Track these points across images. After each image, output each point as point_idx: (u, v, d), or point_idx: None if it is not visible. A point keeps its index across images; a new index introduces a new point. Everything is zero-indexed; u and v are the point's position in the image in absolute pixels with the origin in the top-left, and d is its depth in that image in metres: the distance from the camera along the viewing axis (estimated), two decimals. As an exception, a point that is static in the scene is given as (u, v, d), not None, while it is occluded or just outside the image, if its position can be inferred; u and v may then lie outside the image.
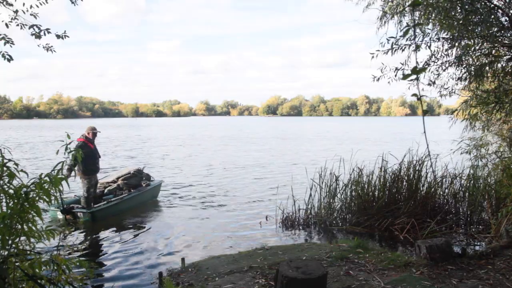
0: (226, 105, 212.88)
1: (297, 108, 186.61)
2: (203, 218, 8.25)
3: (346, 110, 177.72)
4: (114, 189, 9.39)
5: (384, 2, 6.17)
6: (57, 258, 2.47)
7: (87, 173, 8.08)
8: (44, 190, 2.34)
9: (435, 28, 5.73)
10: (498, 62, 5.77)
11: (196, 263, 5.10)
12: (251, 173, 14.46)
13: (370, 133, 43.33)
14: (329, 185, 7.54)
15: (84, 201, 8.12)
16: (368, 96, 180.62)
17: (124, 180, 9.50)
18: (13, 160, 2.38)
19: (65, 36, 5.60)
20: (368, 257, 4.86)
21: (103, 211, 8.12)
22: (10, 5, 5.12)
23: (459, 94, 6.60)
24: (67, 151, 2.54)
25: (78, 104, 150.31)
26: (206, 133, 46.88)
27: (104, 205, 8.26)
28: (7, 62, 5.29)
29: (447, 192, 7.53)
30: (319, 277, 3.27)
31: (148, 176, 10.21)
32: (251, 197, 10.27)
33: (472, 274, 4.10)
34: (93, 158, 8.23)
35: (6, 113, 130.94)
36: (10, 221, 2.23)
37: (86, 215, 7.87)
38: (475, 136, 7.48)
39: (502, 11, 5.33)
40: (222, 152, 22.93)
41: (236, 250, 5.84)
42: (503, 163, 6.59)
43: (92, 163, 8.16)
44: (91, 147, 8.19)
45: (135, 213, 8.60)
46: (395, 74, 5.85)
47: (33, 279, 2.23)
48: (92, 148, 8.23)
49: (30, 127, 65.37)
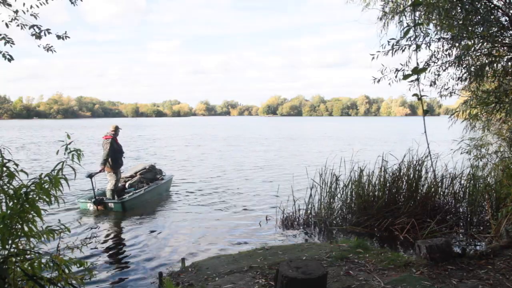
0: (226, 105, 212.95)
1: (297, 108, 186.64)
2: (203, 218, 8.24)
3: (346, 110, 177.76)
4: (135, 183, 10.03)
5: (384, 3, 6.17)
6: (57, 258, 2.47)
7: (115, 168, 8.92)
8: (44, 190, 2.34)
9: (435, 28, 5.73)
10: (498, 62, 5.77)
11: (196, 263, 5.10)
12: (263, 175, 14.35)
13: (378, 133, 43.20)
14: (329, 185, 7.54)
15: (111, 193, 8.93)
16: (368, 96, 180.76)
17: (141, 175, 10.24)
18: (13, 160, 2.38)
19: (66, 36, 5.59)
20: (368, 257, 4.86)
21: (131, 201, 8.89)
22: (9, 5, 5.11)
23: (459, 94, 6.60)
24: (67, 151, 2.54)
25: (78, 104, 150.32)
26: (211, 132, 46.88)
27: (131, 196, 9.01)
28: (8, 62, 5.29)
29: (447, 192, 7.53)
30: (319, 277, 3.27)
31: (160, 171, 10.97)
32: (251, 197, 10.27)
33: (472, 274, 4.10)
34: (120, 153, 9.07)
35: (6, 113, 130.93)
36: (10, 221, 2.23)
37: (117, 205, 8.62)
38: (475, 136, 7.48)
39: (502, 11, 5.33)
40: (230, 153, 22.74)
41: (236, 250, 5.84)
42: (503, 163, 6.59)
43: (119, 158, 9.03)
44: (118, 144, 9.07)
45: (135, 213, 8.61)
46: (396, 75, 5.86)
47: (33, 279, 2.23)
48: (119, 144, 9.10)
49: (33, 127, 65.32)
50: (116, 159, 8.92)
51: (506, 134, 7.21)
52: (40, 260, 2.38)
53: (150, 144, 30.04)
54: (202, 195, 10.62)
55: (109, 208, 8.68)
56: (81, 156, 2.57)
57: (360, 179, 7.40)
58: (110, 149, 8.80)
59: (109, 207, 8.69)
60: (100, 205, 8.65)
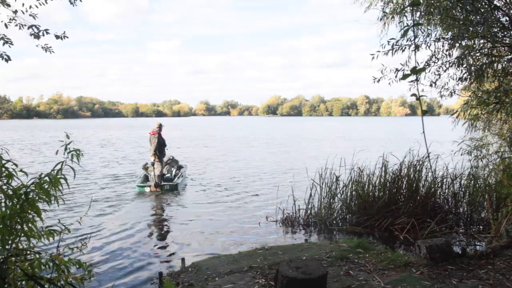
0: (226, 105, 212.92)
1: (297, 108, 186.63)
2: (203, 218, 8.24)
3: (346, 110, 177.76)
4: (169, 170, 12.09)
5: (384, 3, 6.16)
6: (57, 258, 2.47)
7: (161, 157, 11.08)
8: (44, 190, 2.34)
9: (436, 28, 5.73)
10: (498, 62, 5.76)
11: (196, 263, 5.10)
12: (263, 175, 14.30)
13: (379, 133, 43.12)
14: (329, 185, 7.54)
15: (160, 178, 10.97)
16: (368, 96, 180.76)
17: (169, 164, 12.26)
18: (12, 160, 2.38)
19: (64, 36, 5.59)
20: (368, 257, 4.86)
21: (180, 184, 11.22)
22: (8, 6, 5.11)
23: (459, 94, 6.60)
24: (66, 151, 2.54)
25: (78, 104, 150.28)
26: (211, 133, 46.82)
27: (178, 179, 11.41)
28: (5, 62, 5.29)
29: (447, 192, 7.53)
30: (319, 277, 3.27)
31: (177, 161, 12.93)
32: (251, 197, 10.27)
33: (472, 274, 4.10)
34: (164, 146, 11.22)
35: (6, 113, 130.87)
36: (10, 221, 2.23)
37: (172, 187, 10.91)
38: (475, 137, 7.48)
39: (502, 11, 5.33)
40: (230, 153, 22.68)
41: (236, 250, 5.84)
42: (503, 162, 6.58)
43: (163, 149, 11.19)
44: (162, 138, 11.10)
45: (136, 211, 8.61)
46: (396, 75, 5.85)
47: (33, 279, 2.22)
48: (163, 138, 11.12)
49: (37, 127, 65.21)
50: (161, 151, 11.05)
51: (507, 134, 7.21)
52: (40, 260, 2.38)
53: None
54: (202, 194, 10.61)
55: (165, 189, 10.82)
56: (80, 156, 2.56)
57: (360, 179, 7.40)
58: (157, 143, 10.79)
59: (164, 188, 10.82)
60: (158, 187, 10.75)
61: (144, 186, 10.87)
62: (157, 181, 10.81)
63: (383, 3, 6.17)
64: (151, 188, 10.77)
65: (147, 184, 10.97)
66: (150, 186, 10.81)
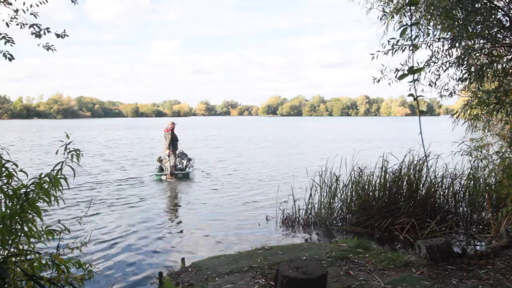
0: (226, 105, 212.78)
1: (297, 108, 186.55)
2: (203, 218, 8.24)
3: (346, 110, 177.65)
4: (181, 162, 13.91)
5: (384, 3, 6.16)
6: (57, 258, 2.47)
7: (174, 151, 13.04)
8: (44, 190, 2.34)
9: (435, 28, 5.72)
10: (498, 63, 5.76)
11: (196, 263, 5.09)
12: (264, 175, 14.25)
13: (383, 133, 43.06)
14: (329, 185, 7.54)
15: (174, 168, 12.98)
16: (368, 96, 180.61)
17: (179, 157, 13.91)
18: (12, 161, 2.38)
19: (65, 35, 5.59)
20: (368, 257, 4.86)
21: (191, 173, 13.29)
22: (10, 4, 5.11)
23: (459, 94, 6.60)
24: (67, 152, 2.54)
25: (78, 104, 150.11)
26: (211, 133, 46.79)
27: (189, 170, 13.42)
28: (8, 61, 5.29)
29: (447, 192, 7.53)
30: (319, 277, 3.27)
31: (186, 154, 14.65)
32: (251, 197, 10.27)
33: (472, 274, 4.10)
34: (176, 141, 13.21)
35: (6, 113, 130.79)
36: (10, 221, 2.23)
37: (185, 175, 13.01)
38: (475, 137, 7.47)
39: (502, 11, 5.33)
40: (229, 154, 22.62)
41: (236, 250, 5.83)
42: (504, 162, 6.58)
43: (176, 144, 13.20)
44: (175, 134, 13.15)
45: (136, 212, 8.61)
46: (396, 75, 5.84)
47: (33, 279, 2.23)
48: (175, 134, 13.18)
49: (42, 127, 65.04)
50: (174, 145, 13.05)
51: (507, 134, 7.21)
52: (40, 260, 2.38)
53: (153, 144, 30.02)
54: (201, 194, 10.61)
55: (178, 177, 12.86)
56: (80, 156, 2.56)
57: (360, 179, 7.40)
58: (171, 138, 12.80)
59: (178, 176, 12.87)
60: (173, 176, 12.77)
61: (161, 175, 12.81)
62: (172, 171, 12.79)
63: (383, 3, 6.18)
64: (167, 176, 12.75)
65: (163, 173, 12.87)
66: (166, 175, 12.77)
